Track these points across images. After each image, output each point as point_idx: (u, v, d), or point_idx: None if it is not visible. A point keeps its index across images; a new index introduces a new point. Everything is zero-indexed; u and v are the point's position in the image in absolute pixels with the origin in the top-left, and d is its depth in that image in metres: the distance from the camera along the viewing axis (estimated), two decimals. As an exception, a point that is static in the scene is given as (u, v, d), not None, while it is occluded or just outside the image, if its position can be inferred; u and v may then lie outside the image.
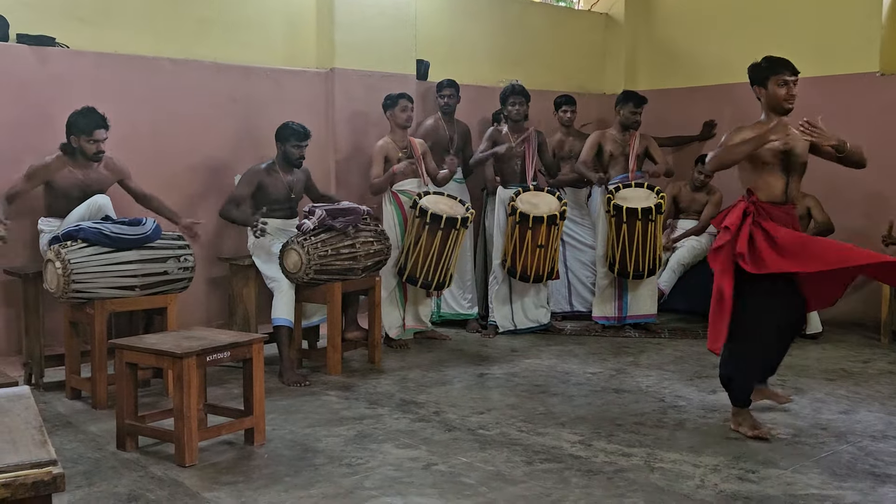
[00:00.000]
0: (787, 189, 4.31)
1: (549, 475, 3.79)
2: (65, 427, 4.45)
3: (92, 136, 5.03)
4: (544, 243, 6.48)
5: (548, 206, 6.54)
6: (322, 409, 4.81)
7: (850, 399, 5.00)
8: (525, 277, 6.60)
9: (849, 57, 7.39)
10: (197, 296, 6.00)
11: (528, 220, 6.42)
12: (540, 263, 6.55)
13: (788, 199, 4.31)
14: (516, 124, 6.83)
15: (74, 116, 5.04)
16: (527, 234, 6.46)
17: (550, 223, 6.46)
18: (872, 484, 3.70)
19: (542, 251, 6.51)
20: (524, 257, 6.51)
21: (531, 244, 6.47)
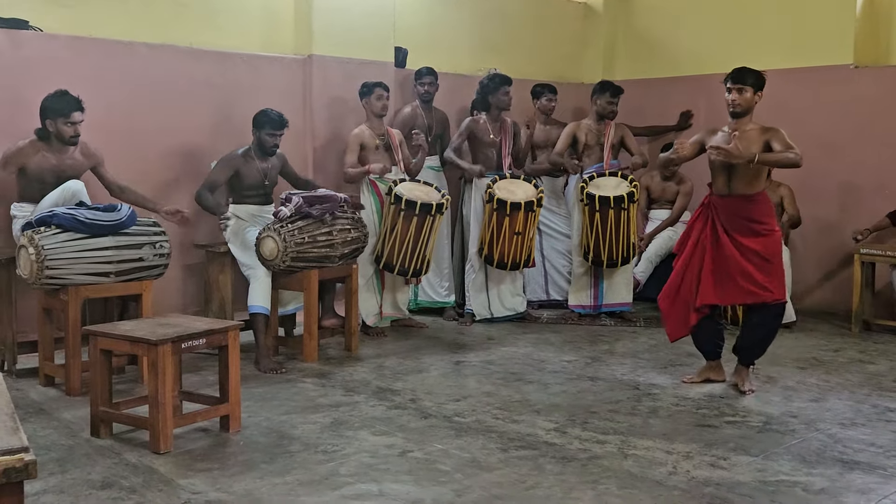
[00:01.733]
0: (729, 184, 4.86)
1: (524, 462, 3.82)
2: (38, 414, 4.42)
3: (69, 119, 4.97)
4: (521, 230, 6.51)
5: (525, 193, 6.56)
6: (298, 396, 4.81)
7: (821, 387, 5.07)
8: (502, 265, 6.62)
9: (822, 49, 7.45)
10: (173, 282, 5.97)
11: (506, 207, 6.44)
12: (517, 251, 6.57)
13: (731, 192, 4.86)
14: (498, 113, 6.84)
15: (49, 100, 4.98)
16: (504, 221, 6.48)
17: (528, 210, 6.48)
18: (840, 470, 3.76)
19: (520, 238, 6.53)
20: (501, 244, 6.53)
21: (508, 231, 6.49)
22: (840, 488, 3.57)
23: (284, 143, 5.84)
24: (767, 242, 4.80)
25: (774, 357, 5.81)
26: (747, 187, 4.79)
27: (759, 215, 4.81)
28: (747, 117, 4.81)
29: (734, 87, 4.77)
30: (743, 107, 4.76)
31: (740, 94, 4.75)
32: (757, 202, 4.82)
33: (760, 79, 4.82)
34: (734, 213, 4.80)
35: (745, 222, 4.79)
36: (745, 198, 4.80)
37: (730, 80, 4.80)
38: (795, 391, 5.00)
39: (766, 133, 4.73)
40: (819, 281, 7.56)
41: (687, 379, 5.14)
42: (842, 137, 7.39)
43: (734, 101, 4.76)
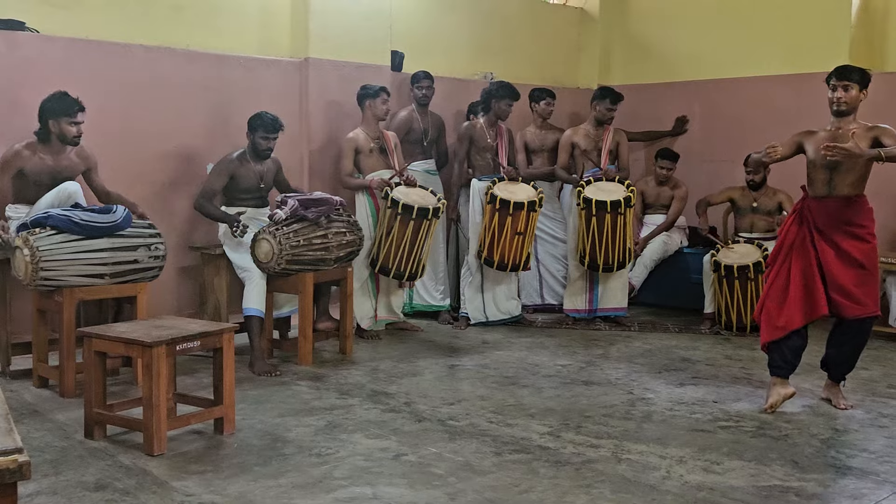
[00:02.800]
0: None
1: (518, 466, 3.82)
2: (32, 415, 4.42)
3: (74, 119, 4.97)
4: (523, 230, 6.52)
5: (526, 194, 6.59)
6: (292, 399, 4.81)
7: (814, 393, 5.07)
8: (502, 266, 6.61)
9: (818, 55, 7.47)
10: (167, 285, 5.97)
11: (509, 207, 6.44)
12: (517, 252, 6.57)
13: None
14: (497, 120, 6.86)
15: (51, 101, 4.98)
16: (506, 221, 6.48)
17: (530, 209, 6.50)
18: (833, 476, 3.77)
19: (521, 238, 6.54)
20: (502, 245, 6.53)
21: (510, 231, 6.49)
22: (833, 493, 3.58)
23: (280, 146, 5.85)
24: (867, 250, 4.62)
25: (768, 362, 5.82)
26: (851, 188, 4.61)
27: (860, 218, 4.64)
28: (852, 116, 4.63)
29: (839, 84, 4.60)
30: (849, 104, 4.59)
31: (846, 92, 4.58)
32: (859, 204, 4.65)
33: (866, 76, 4.66)
34: (834, 215, 4.61)
35: (845, 226, 4.62)
36: (847, 200, 4.61)
37: (834, 76, 4.63)
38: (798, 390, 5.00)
39: (872, 131, 4.56)
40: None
41: (767, 407, 4.68)
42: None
43: (840, 98, 4.58)
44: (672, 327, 6.97)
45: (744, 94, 7.96)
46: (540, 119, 7.55)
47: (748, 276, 6.55)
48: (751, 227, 7.08)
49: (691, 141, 8.35)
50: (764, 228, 7.05)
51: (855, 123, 4.62)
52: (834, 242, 4.61)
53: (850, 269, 4.59)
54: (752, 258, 6.59)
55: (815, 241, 4.64)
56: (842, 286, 4.58)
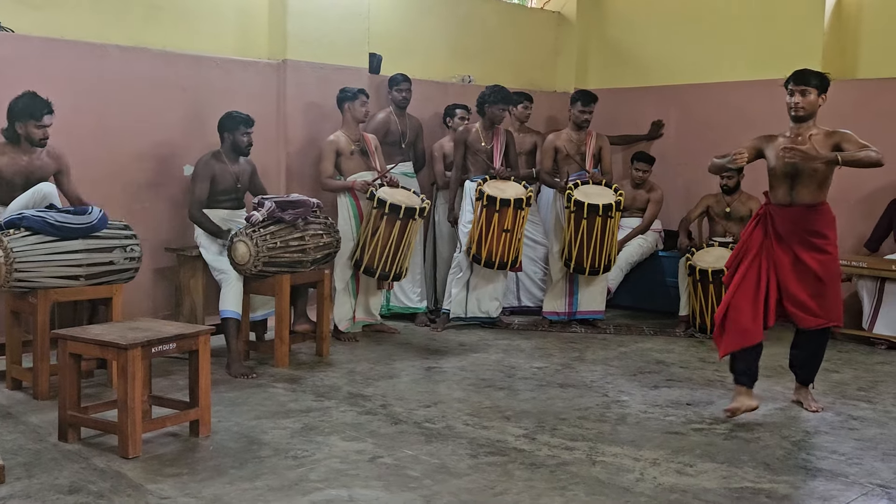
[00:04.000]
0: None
1: (493, 468, 3.84)
2: (4, 418, 4.38)
3: (41, 122, 4.93)
4: (510, 227, 6.53)
5: (514, 192, 6.60)
6: (269, 401, 4.81)
7: (786, 395, 5.13)
8: (490, 264, 6.61)
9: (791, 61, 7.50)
10: (143, 286, 5.94)
11: (496, 203, 6.46)
12: (505, 249, 6.58)
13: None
14: (492, 124, 6.86)
15: (19, 102, 4.94)
16: (493, 218, 6.49)
17: (517, 207, 6.52)
18: (804, 477, 3.82)
19: (508, 236, 6.55)
20: (490, 242, 6.54)
21: (497, 228, 6.50)
22: (803, 495, 3.63)
23: (258, 148, 5.85)
24: (826, 261, 4.54)
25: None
26: (812, 196, 4.53)
27: (822, 226, 4.57)
28: (811, 122, 4.53)
29: (797, 89, 4.50)
30: (807, 110, 4.50)
31: (804, 97, 4.48)
32: (821, 213, 4.57)
33: (825, 80, 4.54)
34: (795, 223, 4.55)
35: (806, 235, 4.55)
36: (809, 208, 4.54)
37: (792, 81, 4.53)
38: (761, 399, 5.03)
39: (832, 136, 4.47)
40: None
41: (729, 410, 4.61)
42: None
43: (797, 103, 4.49)
44: (647, 330, 7.02)
45: (718, 98, 8.04)
46: (518, 122, 7.58)
47: (722, 280, 6.59)
48: (724, 233, 7.15)
49: (667, 145, 8.42)
50: (737, 233, 7.11)
51: (815, 129, 4.55)
52: (793, 252, 4.55)
53: (805, 281, 4.54)
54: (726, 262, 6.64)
55: (773, 250, 4.59)
56: (796, 297, 4.55)
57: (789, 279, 4.56)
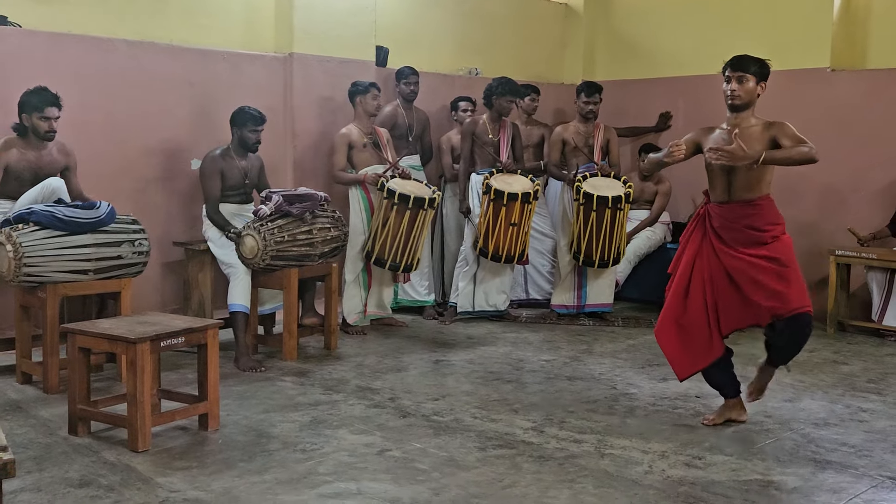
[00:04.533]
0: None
1: (502, 461, 3.85)
2: (15, 412, 4.40)
3: (44, 114, 4.95)
4: (517, 221, 6.53)
5: (522, 186, 6.60)
6: (277, 394, 4.82)
7: (795, 388, 5.13)
8: (497, 257, 6.62)
9: (800, 52, 7.52)
10: (152, 280, 5.96)
11: (503, 197, 6.45)
12: (512, 243, 6.58)
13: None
14: (499, 116, 6.85)
15: (26, 95, 4.97)
16: (500, 212, 6.49)
17: (524, 201, 6.51)
18: (813, 470, 3.81)
19: (515, 230, 6.55)
20: (497, 236, 6.54)
21: (504, 222, 6.50)
22: (812, 487, 3.62)
23: (265, 141, 5.84)
24: (777, 247, 4.19)
25: (751, 357, 5.85)
26: (750, 191, 4.19)
27: (762, 223, 4.20)
28: (748, 111, 4.18)
29: (734, 76, 4.14)
30: (743, 98, 4.14)
31: (741, 84, 4.13)
32: (761, 208, 4.21)
33: (764, 67, 4.18)
34: (735, 221, 4.21)
35: (748, 231, 4.20)
36: (748, 204, 4.20)
37: (729, 67, 4.17)
38: (770, 391, 5.00)
39: (770, 128, 4.14)
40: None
41: (708, 420, 4.43)
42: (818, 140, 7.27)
43: (733, 91, 4.13)
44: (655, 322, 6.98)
45: (725, 90, 7.99)
46: (525, 115, 7.56)
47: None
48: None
49: (675, 136, 8.29)
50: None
51: (753, 119, 4.19)
52: (738, 252, 4.20)
53: (765, 268, 4.16)
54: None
55: (717, 251, 4.24)
56: (762, 285, 4.16)
57: (743, 280, 4.18)
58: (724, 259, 4.23)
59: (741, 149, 4.01)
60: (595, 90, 7.06)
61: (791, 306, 4.14)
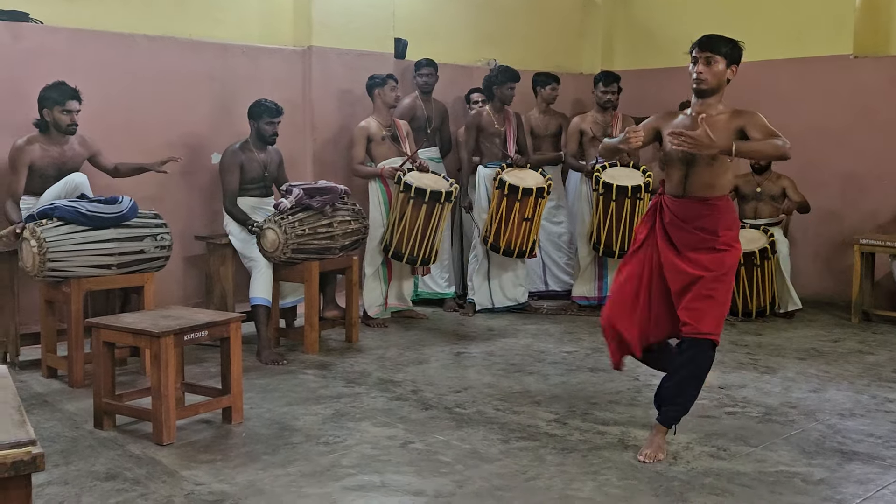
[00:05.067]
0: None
1: (525, 453, 3.84)
2: (41, 406, 4.44)
3: (65, 107, 4.99)
4: (531, 216, 6.52)
5: (534, 180, 6.59)
6: (299, 387, 4.84)
7: (820, 378, 5.09)
8: (508, 252, 6.62)
9: (822, 39, 7.45)
10: (174, 273, 5.99)
11: (517, 192, 6.45)
12: (523, 238, 6.58)
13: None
14: (502, 105, 6.85)
15: (46, 90, 5.01)
16: (514, 207, 6.49)
17: (538, 195, 6.50)
18: (839, 461, 3.78)
19: (528, 224, 6.54)
20: (509, 231, 6.54)
21: (518, 217, 6.50)
22: (839, 479, 3.59)
23: (284, 135, 5.86)
24: (721, 259, 3.73)
25: (774, 348, 5.85)
26: (707, 188, 3.76)
27: (715, 225, 3.76)
28: (716, 97, 3.76)
29: (701, 57, 3.73)
30: (710, 83, 3.72)
31: (708, 67, 3.71)
32: (717, 209, 3.77)
33: (736, 49, 3.79)
34: (687, 220, 3.78)
35: (699, 233, 3.76)
36: (704, 202, 3.76)
37: (696, 47, 3.77)
38: (795, 382, 5.02)
39: (738, 118, 3.72)
40: (818, 271, 7.58)
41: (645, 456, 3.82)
42: (841, 127, 7.40)
43: (700, 74, 3.71)
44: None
45: (748, 78, 7.85)
46: (544, 104, 7.53)
47: (754, 263, 6.55)
48: (755, 214, 7.06)
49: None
50: (769, 214, 7.04)
51: (721, 106, 3.78)
52: (678, 250, 3.79)
53: (687, 283, 3.74)
54: (758, 244, 6.59)
55: (658, 246, 3.86)
56: (677, 300, 3.78)
57: (671, 280, 3.80)
58: (663, 259, 3.82)
59: (707, 136, 3.55)
60: (613, 79, 7.04)
61: (701, 329, 3.71)
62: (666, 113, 4.02)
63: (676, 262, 3.78)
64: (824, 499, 3.40)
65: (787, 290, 6.74)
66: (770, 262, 6.59)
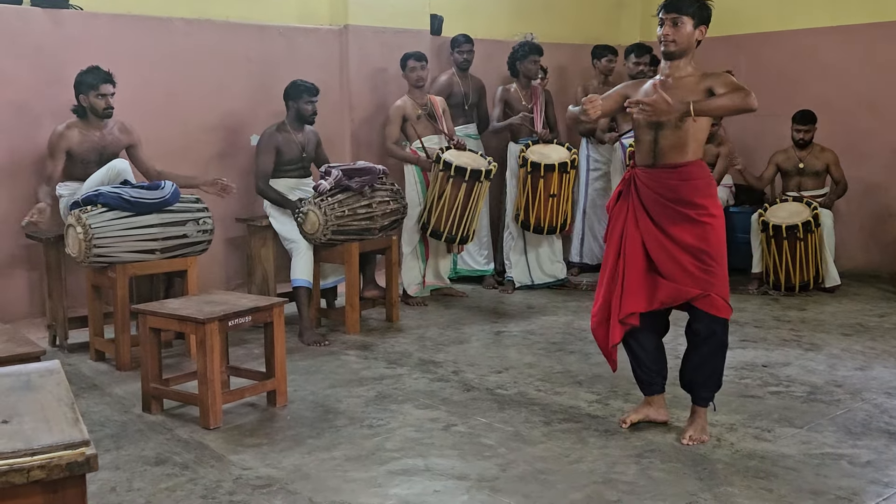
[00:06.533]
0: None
1: (568, 435, 3.85)
2: (90, 390, 4.53)
3: (99, 91, 5.06)
4: (556, 192, 6.50)
5: (559, 156, 6.55)
6: (342, 369, 4.88)
7: (866, 355, 5.02)
8: (539, 229, 6.61)
9: (863, 6, 7.28)
10: (216, 256, 6.05)
11: (540, 169, 6.43)
12: (553, 214, 6.56)
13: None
14: (528, 80, 6.81)
15: (80, 76, 5.09)
16: (539, 184, 6.47)
17: (562, 171, 6.47)
18: (887, 442, 3.74)
19: (555, 200, 6.52)
20: (537, 208, 6.52)
21: (543, 194, 6.48)
22: (887, 461, 3.55)
23: (322, 115, 5.87)
24: (704, 234, 3.63)
25: (818, 323, 5.78)
26: (675, 154, 3.66)
27: (689, 194, 3.65)
28: (685, 59, 3.67)
29: (667, 18, 3.63)
30: (679, 44, 3.62)
31: (675, 27, 3.61)
32: (689, 176, 3.67)
33: (704, 8, 3.66)
34: (658, 190, 3.69)
35: (672, 205, 3.66)
36: (675, 169, 3.66)
37: (662, 9, 3.66)
38: (840, 359, 4.96)
39: (706, 79, 3.64)
40: (863, 243, 7.46)
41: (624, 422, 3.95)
42: (886, 97, 7.23)
43: (666, 35, 3.62)
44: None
45: (789, 47, 7.77)
46: (602, 76, 7.46)
47: (797, 236, 6.46)
48: (798, 188, 6.95)
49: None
50: (812, 187, 6.92)
51: (690, 68, 3.69)
52: (659, 225, 3.69)
53: (681, 258, 3.66)
54: (801, 217, 6.49)
55: (638, 221, 3.74)
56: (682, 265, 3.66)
57: (661, 258, 3.69)
58: (647, 229, 3.72)
59: (664, 100, 3.47)
60: (646, 51, 6.95)
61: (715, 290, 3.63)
62: (635, 81, 3.97)
63: (661, 240, 3.69)
64: (871, 481, 3.37)
65: (826, 265, 6.63)
66: (814, 236, 6.50)
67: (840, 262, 6.88)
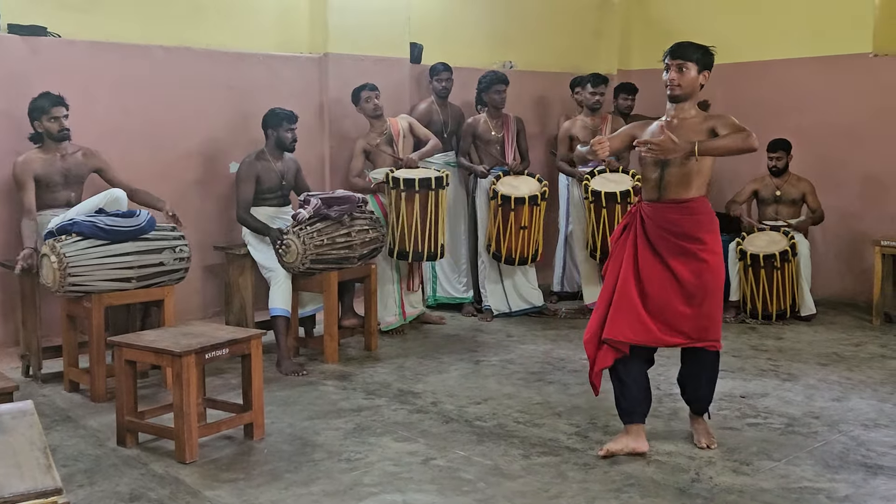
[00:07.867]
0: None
1: (547, 469, 3.83)
2: (64, 422, 4.46)
3: (51, 114, 5.06)
4: (527, 224, 6.54)
5: (528, 188, 6.59)
6: (320, 400, 4.84)
7: (843, 385, 5.05)
8: (510, 260, 6.64)
9: (842, 37, 7.38)
10: (193, 284, 6.00)
11: (510, 202, 6.46)
12: (524, 245, 6.59)
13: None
14: (497, 111, 6.82)
15: (32, 102, 5.10)
16: (509, 216, 6.51)
17: (532, 204, 6.51)
18: (864, 476, 3.75)
19: (526, 232, 6.56)
20: (508, 240, 6.56)
21: (514, 226, 6.51)
22: (864, 495, 3.57)
23: (300, 142, 5.86)
24: (701, 271, 3.86)
25: (795, 353, 5.81)
26: (680, 190, 3.89)
27: (692, 229, 3.88)
28: (689, 102, 3.93)
29: (673, 64, 3.87)
30: (683, 88, 3.88)
31: (681, 73, 3.87)
32: (692, 212, 3.89)
33: (708, 55, 3.92)
34: (662, 225, 3.90)
35: (674, 239, 3.87)
36: (678, 205, 3.89)
37: (668, 55, 3.91)
38: (817, 389, 4.99)
39: (709, 120, 3.90)
40: (839, 271, 7.53)
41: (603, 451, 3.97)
42: (861, 126, 7.34)
43: (672, 80, 3.88)
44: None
45: (766, 77, 7.87)
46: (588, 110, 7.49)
47: (774, 265, 6.51)
48: (776, 216, 7.02)
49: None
50: (788, 216, 6.98)
51: (693, 111, 3.95)
52: (662, 258, 3.89)
53: (676, 296, 3.87)
54: (778, 246, 6.55)
55: (639, 252, 3.93)
56: (665, 315, 3.89)
57: (656, 292, 3.88)
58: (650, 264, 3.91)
59: (670, 140, 3.73)
60: (601, 81, 6.98)
61: (703, 343, 3.94)
62: (642, 122, 4.21)
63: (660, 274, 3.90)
64: (849, 517, 3.38)
65: (802, 294, 6.68)
66: (791, 265, 6.56)
67: (816, 290, 6.94)
